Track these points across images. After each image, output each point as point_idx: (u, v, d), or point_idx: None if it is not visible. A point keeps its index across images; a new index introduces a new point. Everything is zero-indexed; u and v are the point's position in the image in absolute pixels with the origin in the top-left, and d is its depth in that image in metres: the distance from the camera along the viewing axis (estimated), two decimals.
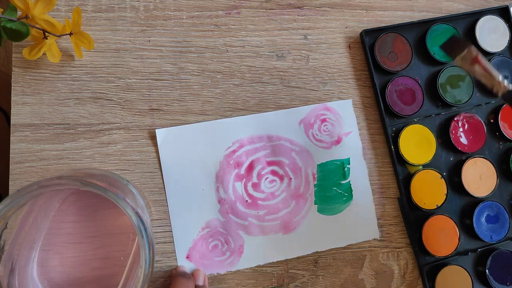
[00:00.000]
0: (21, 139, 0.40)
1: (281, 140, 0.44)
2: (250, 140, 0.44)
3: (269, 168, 0.44)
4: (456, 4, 0.51)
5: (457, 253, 0.45)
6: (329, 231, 0.44)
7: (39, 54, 0.38)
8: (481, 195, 0.46)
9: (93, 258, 0.34)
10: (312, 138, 0.45)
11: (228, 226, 0.42)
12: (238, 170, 0.43)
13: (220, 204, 0.42)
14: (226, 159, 0.43)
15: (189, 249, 0.41)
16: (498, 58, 0.49)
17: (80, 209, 0.34)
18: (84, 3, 0.43)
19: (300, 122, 0.45)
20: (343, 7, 0.48)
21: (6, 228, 0.28)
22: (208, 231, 0.42)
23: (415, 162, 0.46)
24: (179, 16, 0.44)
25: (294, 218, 0.43)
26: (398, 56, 0.47)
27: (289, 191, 0.44)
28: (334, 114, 0.46)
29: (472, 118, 0.48)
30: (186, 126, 0.43)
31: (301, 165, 0.44)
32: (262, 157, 0.44)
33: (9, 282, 0.29)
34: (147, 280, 0.28)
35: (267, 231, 0.43)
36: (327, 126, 0.45)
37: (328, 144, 0.45)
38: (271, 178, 0.44)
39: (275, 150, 0.44)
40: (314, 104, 0.46)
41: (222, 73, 0.44)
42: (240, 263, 0.42)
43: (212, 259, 0.42)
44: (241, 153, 0.43)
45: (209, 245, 0.42)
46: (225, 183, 0.43)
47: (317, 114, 0.46)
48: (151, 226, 0.33)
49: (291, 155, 0.44)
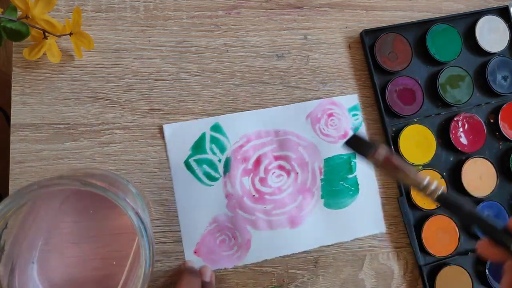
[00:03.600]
0: (21, 139, 0.40)
1: (288, 134, 0.45)
2: (257, 135, 0.44)
3: (276, 162, 0.44)
4: (456, 4, 0.51)
5: (457, 253, 0.45)
6: (335, 225, 0.44)
7: (39, 54, 0.38)
8: (481, 195, 0.46)
9: (93, 258, 0.34)
10: (319, 132, 0.45)
11: (235, 220, 0.42)
12: (246, 165, 0.43)
13: (227, 199, 0.42)
14: (233, 153, 0.43)
15: (197, 244, 0.41)
16: (498, 58, 0.49)
17: (80, 209, 0.34)
18: (84, 3, 0.43)
19: (307, 117, 0.45)
20: (343, 7, 0.48)
21: (6, 228, 0.28)
22: (215, 226, 0.42)
23: (415, 162, 0.46)
24: (179, 16, 0.44)
25: (301, 213, 0.44)
26: (398, 56, 0.47)
27: (296, 185, 0.44)
28: (341, 108, 0.46)
29: (472, 118, 0.48)
30: (193, 122, 0.43)
31: (308, 159, 0.45)
32: (269, 151, 0.44)
33: (9, 282, 0.29)
34: (147, 280, 0.28)
35: (274, 225, 0.43)
36: (334, 121, 0.46)
37: (335, 139, 0.45)
38: (278, 172, 0.44)
39: (282, 144, 0.44)
40: (321, 99, 0.46)
41: (222, 73, 0.44)
42: (248, 257, 0.42)
43: (220, 254, 0.42)
44: (248, 147, 0.44)
45: (216, 239, 0.42)
46: (233, 178, 0.43)
47: (324, 109, 0.46)
48: (151, 226, 0.33)
49: (298, 149, 0.45)
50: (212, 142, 0.43)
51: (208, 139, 0.43)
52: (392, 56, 0.47)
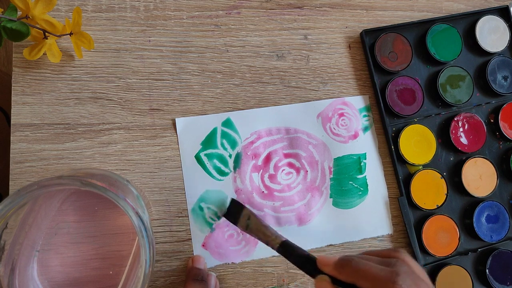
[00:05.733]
0: (21, 139, 0.40)
1: (299, 133, 0.45)
2: (268, 132, 0.44)
3: (286, 160, 0.44)
4: (456, 4, 0.51)
5: (457, 253, 0.45)
6: (343, 224, 0.44)
7: (39, 54, 0.38)
8: (481, 195, 0.46)
9: (93, 258, 0.34)
10: (330, 132, 0.45)
11: None
12: (256, 161, 0.43)
13: (237, 194, 0.43)
14: (244, 149, 0.43)
15: (205, 237, 0.41)
16: (498, 58, 0.49)
17: (80, 209, 0.34)
18: (84, 3, 0.43)
19: (318, 116, 0.45)
20: (343, 7, 0.48)
21: (6, 228, 0.29)
22: (224, 220, 0.42)
23: (415, 162, 0.46)
24: (179, 16, 0.44)
25: (309, 211, 0.44)
26: (398, 56, 0.47)
27: (305, 183, 0.44)
28: (352, 108, 0.46)
29: (472, 118, 0.48)
30: (205, 116, 0.43)
31: (317, 158, 0.45)
32: (280, 149, 0.44)
33: (9, 282, 0.29)
34: (147, 280, 0.28)
35: (282, 222, 0.43)
36: (344, 121, 0.46)
37: (345, 139, 0.46)
38: (288, 170, 0.44)
39: (293, 142, 0.45)
40: (333, 98, 0.46)
41: (222, 73, 0.44)
42: (255, 253, 0.42)
43: (228, 248, 0.42)
44: (259, 144, 0.44)
45: (224, 234, 0.42)
46: (242, 173, 0.43)
47: (335, 108, 0.46)
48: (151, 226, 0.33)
49: (308, 148, 0.45)
50: (223, 137, 0.43)
51: (219, 134, 0.43)
52: (392, 56, 0.47)
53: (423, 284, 0.27)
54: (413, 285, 0.26)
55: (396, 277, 0.26)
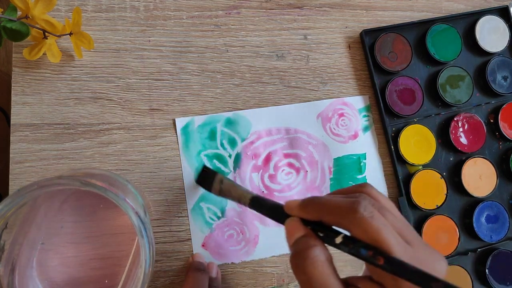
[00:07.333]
0: (21, 139, 0.40)
1: (299, 133, 0.45)
2: (267, 132, 0.44)
3: (286, 160, 0.44)
4: (456, 4, 0.51)
5: (457, 253, 0.45)
6: None
7: (39, 54, 0.38)
8: (481, 195, 0.46)
9: (93, 258, 0.34)
10: (329, 132, 0.45)
11: (244, 216, 0.42)
12: (256, 161, 0.43)
13: None
14: (244, 150, 0.43)
15: (205, 237, 0.41)
16: (498, 58, 0.49)
17: (80, 209, 0.34)
18: (84, 3, 0.43)
19: (318, 116, 0.45)
20: (343, 7, 0.48)
21: (6, 228, 0.28)
22: (224, 221, 0.42)
23: (415, 162, 0.46)
24: (179, 16, 0.44)
25: None
26: (398, 56, 0.47)
27: (305, 183, 0.44)
28: (351, 109, 0.46)
29: (472, 118, 0.48)
30: (205, 116, 0.43)
31: (317, 158, 0.45)
32: (279, 149, 0.44)
33: (9, 282, 0.29)
34: (147, 280, 0.28)
35: None
36: (344, 121, 0.46)
37: (345, 139, 0.46)
38: (288, 170, 0.44)
39: (292, 142, 0.45)
40: (332, 98, 0.46)
41: (222, 73, 0.44)
42: (255, 253, 0.42)
43: (227, 249, 0.42)
44: (259, 144, 0.44)
45: (224, 234, 0.42)
46: (242, 173, 0.43)
47: (335, 109, 0.46)
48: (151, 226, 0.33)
49: (308, 148, 0.45)
50: (223, 137, 0.43)
51: (219, 134, 0.43)
52: (392, 56, 0.47)
53: (388, 214, 0.25)
54: (376, 213, 0.25)
55: (358, 205, 0.25)
